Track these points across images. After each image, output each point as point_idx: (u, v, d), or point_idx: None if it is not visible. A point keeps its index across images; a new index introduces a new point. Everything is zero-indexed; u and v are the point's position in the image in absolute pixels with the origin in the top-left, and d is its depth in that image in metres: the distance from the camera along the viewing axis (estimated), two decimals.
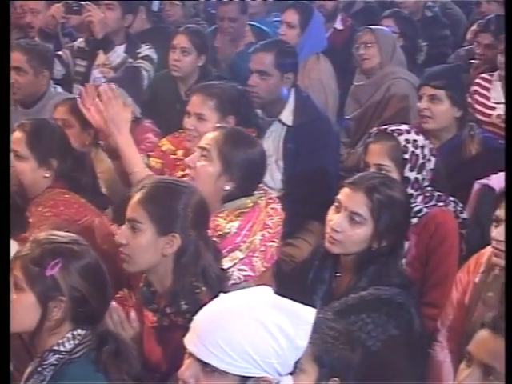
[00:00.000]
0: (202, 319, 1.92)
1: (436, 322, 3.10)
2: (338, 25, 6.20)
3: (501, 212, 2.83)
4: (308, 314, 1.94)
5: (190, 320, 1.95)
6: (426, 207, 3.30)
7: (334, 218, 2.86)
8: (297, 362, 1.95)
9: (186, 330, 1.94)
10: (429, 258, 3.29)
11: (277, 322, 1.89)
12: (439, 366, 3.02)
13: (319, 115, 4.34)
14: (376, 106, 4.92)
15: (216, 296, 1.97)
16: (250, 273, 3.08)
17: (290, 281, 3.22)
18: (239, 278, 3.06)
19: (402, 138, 3.27)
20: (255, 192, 3.18)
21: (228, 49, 5.59)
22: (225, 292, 2.00)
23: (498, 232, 2.82)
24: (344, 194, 2.86)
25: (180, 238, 2.60)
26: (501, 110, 4.89)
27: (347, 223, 2.82)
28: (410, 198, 2.92)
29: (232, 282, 2.98)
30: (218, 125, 3.34)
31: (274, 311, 1.91)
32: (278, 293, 3.13)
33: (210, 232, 2.91)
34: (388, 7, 6.15)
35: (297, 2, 5.33)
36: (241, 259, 3.08)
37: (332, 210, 2.90)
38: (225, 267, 2.97)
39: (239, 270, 3.07)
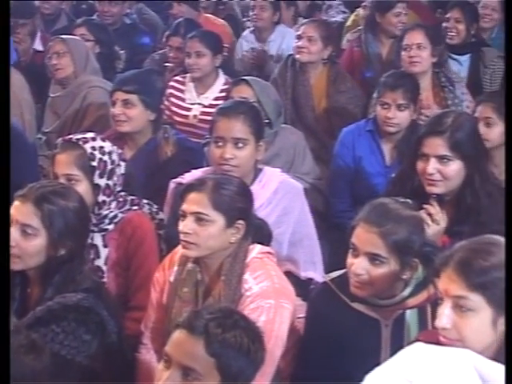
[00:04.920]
0: None
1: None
2: (38, 45, 6.08)
3: (185, 206, 2.89)
4: None
5: None
6: (121, 212, 3.31)
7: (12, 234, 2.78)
8: None
9: None
10: (129, 261, 3.32)
11: None
12: (147, 367, 3.04)
13: (13, 131, 4.20)
14: (74, 116, 4.87)
15: None
16: None
17: None
18: None
19: (87, 146, 3.26)
20: None
21: None
22: None
23: (184, 225, 2.87)
24: (14, 208, 2.79)
25: None
26: (196, 110, 5.03)
27: (19, 237, 2.75)
28: (84, 204, 2.89)
29: None
30: None
31: None
32: None
33: None
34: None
35: None
36: None
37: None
38: None
39: None
